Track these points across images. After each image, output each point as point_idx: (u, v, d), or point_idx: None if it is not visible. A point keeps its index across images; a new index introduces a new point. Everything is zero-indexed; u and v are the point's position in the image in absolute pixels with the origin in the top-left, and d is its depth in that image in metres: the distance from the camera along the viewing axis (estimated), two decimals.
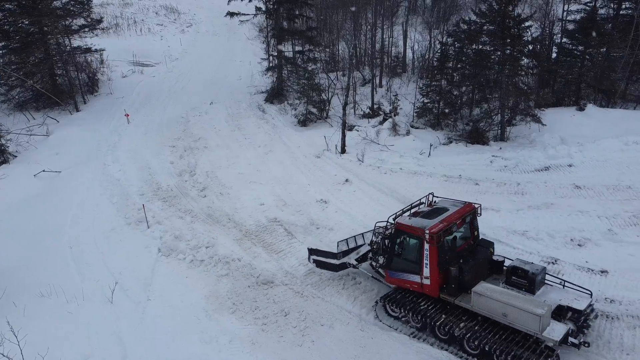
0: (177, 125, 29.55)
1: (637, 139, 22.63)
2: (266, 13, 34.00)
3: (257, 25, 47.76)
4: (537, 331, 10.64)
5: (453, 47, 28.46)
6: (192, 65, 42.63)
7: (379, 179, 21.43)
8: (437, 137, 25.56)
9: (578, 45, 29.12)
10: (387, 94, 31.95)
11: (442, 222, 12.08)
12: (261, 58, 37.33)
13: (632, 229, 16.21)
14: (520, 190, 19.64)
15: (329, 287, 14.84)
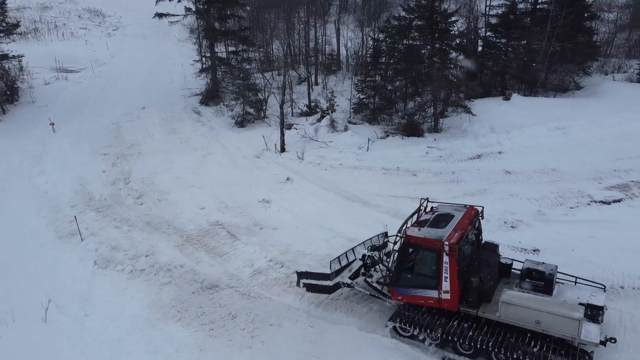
0: (108, 132, 28.34)
1: (559, 125, 24.11)
2: (196, 13, 33.29)
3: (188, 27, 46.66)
4: (575, 336, 10.04)
5: (385, 43, 29.08)
6: (121, 70, 41.04)
7: (320, 176, 21.52)
8: (375, 132, 26.01)
9: (501, 38, 30.60)
10: (324, 92, 32.20)
11: (457, 231, 11.09)
12: (194, 60, 36.52)
13: (558, 209, 17.22)
14: (456, 178, 20.35)
15: (277, 286, 14.71)
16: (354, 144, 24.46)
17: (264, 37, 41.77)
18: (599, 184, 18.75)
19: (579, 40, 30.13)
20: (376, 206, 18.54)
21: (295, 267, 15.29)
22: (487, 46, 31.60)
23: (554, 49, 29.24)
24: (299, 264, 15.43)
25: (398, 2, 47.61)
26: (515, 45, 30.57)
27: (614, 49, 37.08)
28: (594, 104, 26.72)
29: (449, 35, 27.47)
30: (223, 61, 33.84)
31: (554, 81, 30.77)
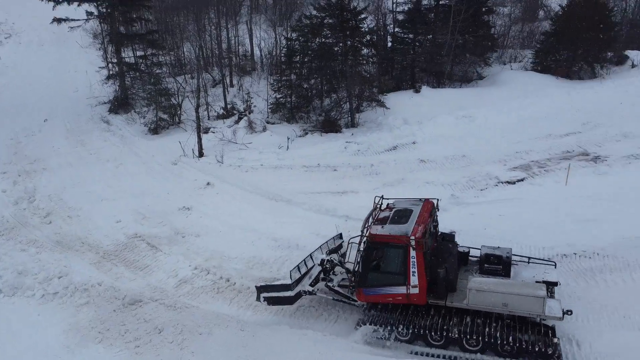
0: (6, 148, 26.13)
1: (465, 113, 25.54)
2: (99, 18, 31.58)
3: (91, 32, 44.08)
4: (541, 313, 10.47)
5: (298, 42, 29.24)
6: (18, 81, 38.01)
7: (241, 178, 21.26)
8: (294, 130, 26.11)
9: (408, 33, 31.85)
10: (240, 93, 31.82)
11: (420, 225, 11.20)
12: (99, 67, 34.57)
13: (470, 192, 18.26)
14: (375, 170, 20.93)
15: (204, 294, 14.36)
16: (274, 144, 24.41)
17: (173, 40, 40.48)
18: (504, 165, 20.09)
19: (479, 34, 32.05)
20: (300, 204, 18.62)
21: (221, 273, 15.05)
22: (396, 42, 32.76)
23: (457, 42, 30.88)
24: (225, 269, 15.17)
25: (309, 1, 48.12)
26: (422, 39, 31.94)
27: (509, 40, 39.80)
28: (495, 92, 28.56)
29: (359, 32, 28.16)
30: (131, 66, 32.41)
31: (459, 72, 32.52)
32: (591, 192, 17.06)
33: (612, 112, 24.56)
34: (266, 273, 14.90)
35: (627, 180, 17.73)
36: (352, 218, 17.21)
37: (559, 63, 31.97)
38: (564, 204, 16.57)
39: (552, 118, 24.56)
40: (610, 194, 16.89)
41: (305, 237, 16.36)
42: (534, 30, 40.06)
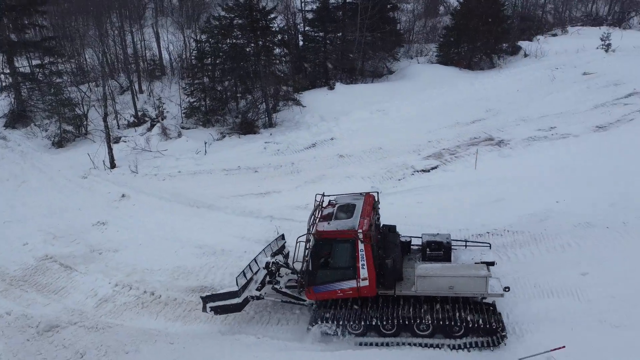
0: None
1: (379, 107, 26.41)
2: None
3: None
4: (484, 292, 10.92)
5: (208, 43, 28.62)
6: None
7: (158, 187, 20.47)
8: (210, 134, 25.57)
9: (319, 32, 32.29)
10: (150, 99, 30.59)
11: (365, 218, 11.30)
12: None
13: (388, 182, 18.91)
14: (296, 169, 21.05)
15: (127, 311, 13.69)
16: (191, 149, 23.75)
17: (73, 46, 38.05)
18: (418, 155, 21.01)
19: (385, 30, 33.16)
20: (222, 208, 18.30)
21: (145, 287, 14.44)
22: (307, 40, 33.10)
23: (366, 39, 31.79)
24: (148, 283, 14.57)
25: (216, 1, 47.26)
26: (332, 37, 32.52)
27: (414, 35, 41.60)
28: (405, 85, 29.78)
29: (270, 32, 28.11)
30: (27, 77, 30.06)
31: (369, 68, 33.51)
32: (498, 174, 18.33)
33: (510, 99, 26.52)
34: (193, 282, 14.50)
35: (528, 161, 19.26)
36: (277, 218, 17.22)
37: (460, 55, 33.92)
38: (475, 187, 17.67)
39: (459, 107, 26.05)
40: (514, 174, 18.25)
41: (231, 242, 16.14)
42: (436, 25, 42.20)
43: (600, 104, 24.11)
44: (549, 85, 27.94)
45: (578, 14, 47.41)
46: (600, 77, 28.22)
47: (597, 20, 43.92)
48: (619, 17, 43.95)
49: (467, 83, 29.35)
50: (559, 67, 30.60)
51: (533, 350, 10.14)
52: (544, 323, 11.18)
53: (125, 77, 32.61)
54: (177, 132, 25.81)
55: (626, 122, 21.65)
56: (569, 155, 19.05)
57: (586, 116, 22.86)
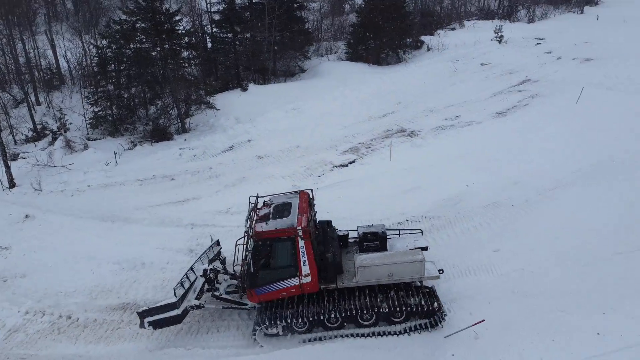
0: None
1: (293, 106, 26.59)
2: None
3: None
4: (422, 275, 11.33)
5: (110, 49, 27.17)
6: None
7: (67, 203, 19.13)
8: (120, 144, 24.34)
9: (227, 33, 31.78)
10: (50, 111, 28.56)
11: (302, 215, 11.31)
12: None
13: (309, 179, 19.09)
14: (214, 173, 20.61)
15: (42, 339, 12.72)
16: (100, 161, 22.44)
17: None
18: (336, 150, 21.41)
19: (294, 29, 33.37)
20: (140, 220, 17.51)
21: (59, 311, 13.51)
22: (216, 42, 32.47)
23: (276, 38, 31.79)
24: (63, 306, 13.63)
25: (116, 5, 44.99)
26: (241, 38, 32.15)
27: (323, 33, 42.27)
28: (318, 83, 30.17)
29: (176, 35, 27.23)
30: None
31: (281, 68, 33.58)
32: (412, 164, 19.17)
33: (418, 91, 27.79)
34: (114, 300, 13.76)
35: (438, 149, 20.29)
36: (199, 225, 16.81)
37: (368, 51, 34.93)
38: (392, 178, 18.35)
39: (371, 102, 26.88)
40: (427, 162, 19.20)
41: (152, 254, 15.50)
42: (343, 23, 43.18)
43: (498, 92, 25.96)
44: (451, 77, 29.63)
45: (472, 8, 50.60)
46: (496, 67, 30.41)
47: (489, 14, 47.14)
48: (508, 11, 47.45)
49: (377, 78, 30.33)
50: (460, 59, 32.53)
51: (456, 327, 10.74)
52: (464, 300, 11.88)
53: (19, 88, 30.15)
54: (83, 144, 24.28)
55: (522, 107, 23.48)
56: (475, 141, 20.35)
57: (487, 104, 24.50)
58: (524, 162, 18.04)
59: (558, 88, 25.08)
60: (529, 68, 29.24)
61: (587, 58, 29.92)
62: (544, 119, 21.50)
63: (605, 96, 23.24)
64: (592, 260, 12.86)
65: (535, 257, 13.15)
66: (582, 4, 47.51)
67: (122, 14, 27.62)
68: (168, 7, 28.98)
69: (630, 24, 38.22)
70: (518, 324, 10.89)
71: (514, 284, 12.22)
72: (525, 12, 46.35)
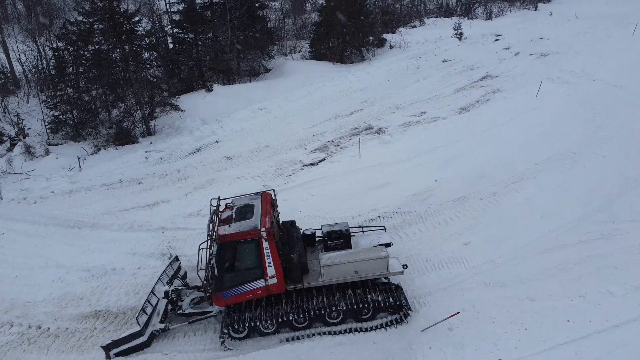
0: None
1: (260, 106, 26.45)
2: None
3: None
4: (386, 272, 11.45)
5: (68, 51, 26.31)
6: None
7: (30, 211, 18.45)
8: (83, 148, 23.66)
9: (188, 33, 31.30)
10: (6, 116, 27.43)
11: (266, 216, 11.24)
12: None
13: (280, 179, 19.08)
14: (183, 175, 20.32)
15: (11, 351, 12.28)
16: (63, 167, 21.76)
17: None
18: (305, 149, 21.45)
19: (257, 28, 33.19)
20: (107, 225, 17.08)
21: (29, 322, 13.09)
22: (178, 42, 31.94)
23: (238, 38, 31.52)
24: (32, 317, 13.19)
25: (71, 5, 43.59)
26: (203, 38, 31.73)
27: (286, 33, 42.21)
28: (283, 82, 30.13)
29: (136, 36, 26.63)
30: None
31: (246, 68, 33.37)
32: (381, 160, 19.42)
33: (383, 89, 28.15)
34: (85, 308, 13.41)
35: (406, 145, 20.63)
36: (169, 228, 16.57)
37: (332, 50, 35.12)
38: (362, 175, 18.56)
39: (337, 100, 27.06)
40: (396, 159, 19.50)
41: (122, 260, 15.19)
42: (305, 22, 43.25)
43: (460, 88, 26.60)
44: (415, 74, 30.14)
45: (432, 6, 51.58)
46: (458, 63, 31.13)
47: (448, 12, 48.20)
48: (466, 9, 48.63)
49: (342, 76, 30.53)
50: (422, 56, 33.15)
51: (432, 320, 11.00)
52: (439, 293, 12.17)
53: None
54: (44, 149, 23.46)
55: (484, 102, 24.15)
56: (441, 137, 20.79)
57: (450, 99, 25.08)
58: (489, 156, 18.60)
59: (518, 83, 25.95)
60: (489, 64, 30.08)
61: (543, 53, 31.05)
62: (506, 113, 22.19)
63: (562, 89, 24.21)
64: (559, 250, 13.40)
65: (505, 248, 13.60)
66: (536, 1, 49.16)
67: (78, 15, 26.80)
68: (126, 8, 28.31)
69: (581, 19, 39.88)
70: (492, 314, 11.26)
71: (486, 275, 12.60)
72: (483, 10, 47.62)
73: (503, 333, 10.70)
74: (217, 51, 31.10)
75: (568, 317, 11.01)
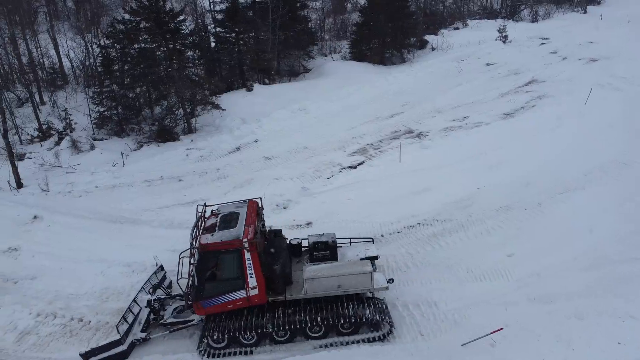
0: None
1: (299, 106, 26.48)
2: None
3: None
4: (370, 287, 11.24)
5: (114, 49, 27.05)
6: None
7: (75, 205, 19.02)
8: (127, 144, 24.25)
9: (231, 32, 31.63)
10: (55, 111, 28.46)
11: (250, 226, 11.11)
12: None
13: (318, 181, 19.02)
14: (222, 174, 20.52)
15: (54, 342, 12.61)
16: (106, 162, 22.35)
17: None
18: (344, 152, 21.32)
19: (298, 28, 33.24)
20: (148, 222, 17.40)
21: (71, 314, 13.41)
22: (220, 41, 32.33)
23: (279, 38, 31.64)
24: (74, 309, 13.52)
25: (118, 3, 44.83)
26: (245, 38, 32.02)
27: (326, 33, 42.15)
28: (322, 83, 30.08)
29: (180, 34, 27.12)
30: None
31: (285, 67, 33.46)
32: (421, 165, 19.10)
33: (424, 92, 27.70)
34: (125, 303, 13.56)
35: (447, 150, 20.21)
36: None
37: (372, 51, 34.82)
38: (401, 180, 18.26)
39: (376, 102, 26.80)
40: (436, 164, 19.11)
41: (161, 256, 15.28)
42: (346, 22, 43.05)
43: (504, 93, 25.90)
44: (457, 77, 29.55)
45: (475, 8, 50.49)
46: (502, 66, 30.34)
47: (492, 14, 47.06)
48: (511, 11, 47.38)
49: (382, 78, 30.23)
50: (464, 59, 32.46)
51: (474, 334, 10.68)
52: (480, 306, 11.82)
53: (23, 87, 30.02)
54: (90, 144, 24.18)
55: (529, 108, 23.43)
56: (483, 143, 20.25)
57: (494, 105, 24.44)
58: (534, 164, 17.99)
59: (566, 89, 25.04)
60: (534, 68, 29.18)
61: (593, 58, 29.88)
62: (553, 120, 21.44)
63: (613, 96, 23.22)
64: (608, 265, 12.82)
65: (551, 262, 13.09)
66: (585, 3, 47.40)
67: (124, 13, 27.49)
68: (172, 7, 28.85)
69: (634, 23, 38.15)
70: (536, 331, 10.85)
71: (530, 290, 12.16)
72: (529, 12, 46.28)
73: (548, 352, 10.28)
74: (257, 51, 31.31)
75: (619, 338, 10.49)
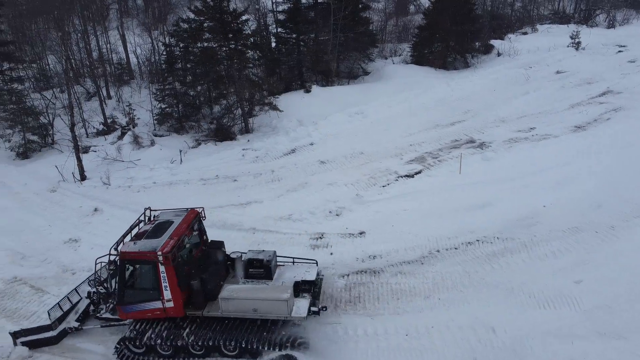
0: None
1: (357, 110, 26.01)
2: None
3: None
4: (287, 315, 11.06)
5: (178, 47, 27.66)
6: None
7: (133, 200, 19.51)
8: (185, 142, 24.70)
9: (292, 33, 31.63)
10: (119, 105, 29.48)
11: (172, 238, 11.14)
12: None
13: (373, 189, 18.47)
14: (276, 177, 20.41)
15: None
16: (165, 158, 22.84)
17: (34, 50, 36.37)
18: (401, 159, 20.66)
19: (359, 30, 32.76)
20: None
21: None
22: (280, 42, 32.40)
23: (340, 40, 31.33)
24: None
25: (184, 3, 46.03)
26: (305, 39, 31.92)
27: (387, 35, 41.42)
28: (382, 86, 29.46)
29: (242, 35, 27.35)
30: None
31: (345, 69, 33.08)
32: (482, 178, 18.13)
33: (487, 99, 26.52)
34: None
35: (511, 164, 19.09)
36: (260, 230, 16.63)
37: (434, 55, 33.84)
38: (460, 192, 17.41)
39: (437, 108, 25.91)
40: (498, 177, 18.08)
41: None
42: (408, 24, 42.14)
43: (576, 103, 24.33)
44: (524, 85, 28.12)
45: (546, 12, 48.13)
46: (574, 75, 28.60)
47: (564, 19, 44.66)
48: (585, 15, 44.81)
49: (443, 83, 29.26)
50: (533, 66, 30.88)
51: None
52: (544, 337, 10.93)
53: (92, 82, 31.30)
54: (150, 140, 24.82)
55: (603, 121, 21.84)
56: (551, 157, 19.00)
57: (564, 116, 22.99)
58: (607, 183, 16.63)
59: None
60: (610, 78, 27.29)
61: None
62: (630, 135, 19.82)
63: None
64: None
65: (623, 292, 11.96)
66: None
67: (189, 12, 28.02)
68: (235, 7, 29.15)
69: None
70: None
71: (601, 323, 11.13)
72: (605, 17, 43.59)
73: None
74: (317, 52, 31.12)
75: None
